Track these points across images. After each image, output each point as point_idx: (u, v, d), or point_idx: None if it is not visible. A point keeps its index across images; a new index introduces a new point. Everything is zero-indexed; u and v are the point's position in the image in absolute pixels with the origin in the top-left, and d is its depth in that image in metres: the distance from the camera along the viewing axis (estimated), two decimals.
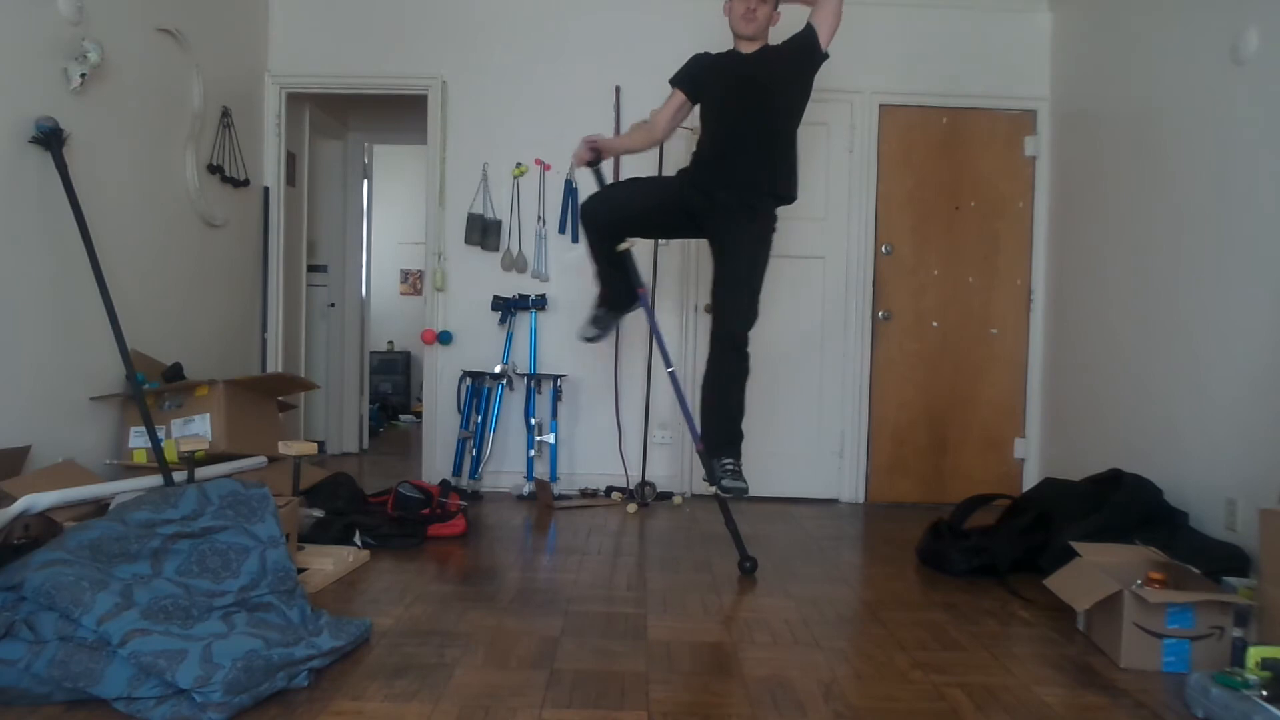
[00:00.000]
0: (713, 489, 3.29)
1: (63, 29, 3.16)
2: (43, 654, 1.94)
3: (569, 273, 4.79)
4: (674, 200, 3.41)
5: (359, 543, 3.37)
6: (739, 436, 3.33)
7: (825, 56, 3.31)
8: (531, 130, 4.76)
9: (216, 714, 1.87)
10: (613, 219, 3.46)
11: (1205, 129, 3.44)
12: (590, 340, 3.79)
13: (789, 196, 3.40)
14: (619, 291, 3.64)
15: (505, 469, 4.77)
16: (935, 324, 4.84)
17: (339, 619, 2.39)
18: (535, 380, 4.68)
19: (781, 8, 3.38)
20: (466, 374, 4.68)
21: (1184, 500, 3.38)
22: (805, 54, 3.29)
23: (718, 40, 4.75)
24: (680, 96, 3.48)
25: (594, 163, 3.61)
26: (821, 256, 4.79)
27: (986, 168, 4.82)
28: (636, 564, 3.35)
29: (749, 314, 3.27)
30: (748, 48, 3.36)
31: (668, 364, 3.77)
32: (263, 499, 2.54)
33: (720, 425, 3.33)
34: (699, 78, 3.44)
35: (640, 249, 4.74)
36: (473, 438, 4.67)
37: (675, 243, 4.75)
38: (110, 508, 2.65)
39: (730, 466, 3.23)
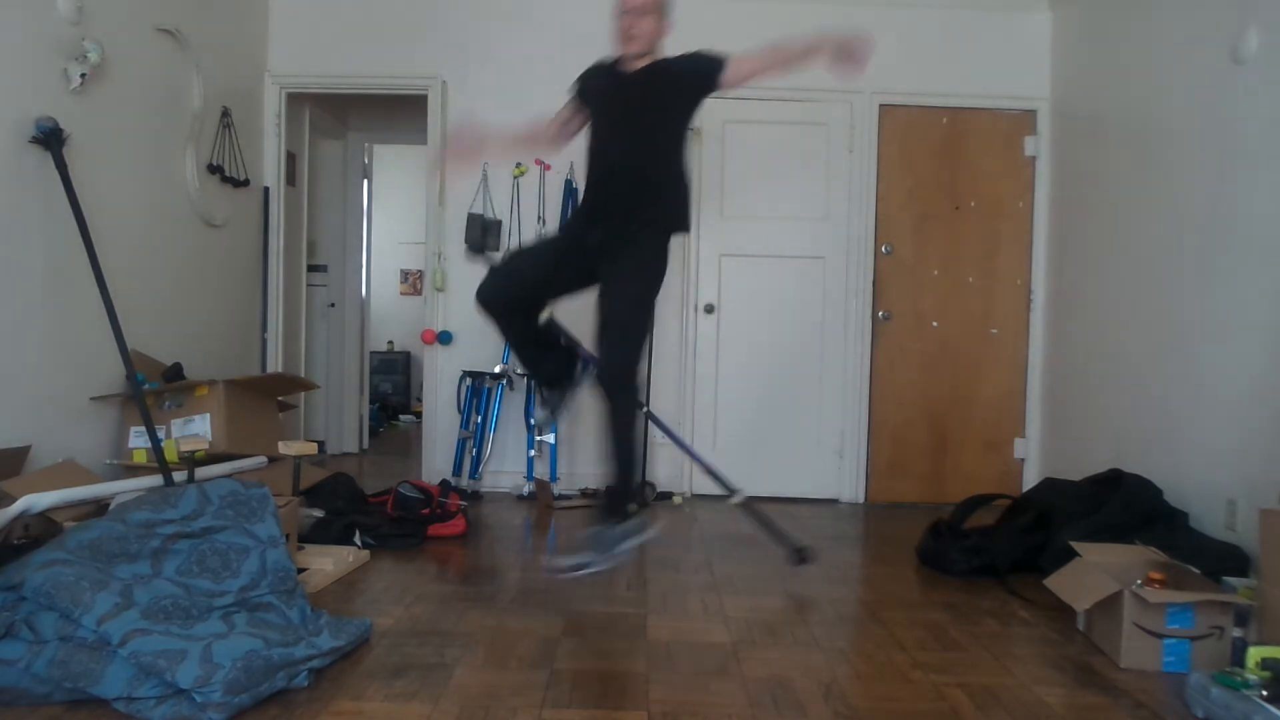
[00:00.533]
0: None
1: (63, 29, 3.16)
2: (43, 654, 1.94)
3: None
4: (572, 250, 3.01)
5: (359, 543, 3.37)
6: (621, 497, 2.80)
7: (715, 90, 2.98)
8: None
9: (216, 714, 1.87)
10: (516, 294, 2.95)
11: (1205, 129, 3.44)
12: (545, 425, 3.36)
13: (671, 225, 3.02)
14: (558, 366, 3.14)
15: (505, 469, 4.77)
16: (935, 324, 4.83)
17: (339, 619, 2.39)
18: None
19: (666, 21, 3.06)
20: (466, 374, 4.68)
21: (1184, 500, 3.38)
22: (699, 82, 2.95)
23: (718, 41, 4.75)
24: (570, 110, 3.13)
25: (479, 249, 3.29)
26: (821, 256, 4.79)
27: (986, 168, 4.82)
28: (636, 564, 3.35)
29: (617, 356, 2.81)
30: (632, 64, 2.98)
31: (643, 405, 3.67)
32: (263, 499, 2.54)
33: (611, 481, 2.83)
34: (584, 81, 3.12)
35: None
36: (473, 438, 4.66)
37: (674, 242, 4.74)
38: (110, 508, 2.65)
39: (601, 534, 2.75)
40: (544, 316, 3.08)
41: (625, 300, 2.87)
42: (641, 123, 2.97)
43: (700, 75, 2.95)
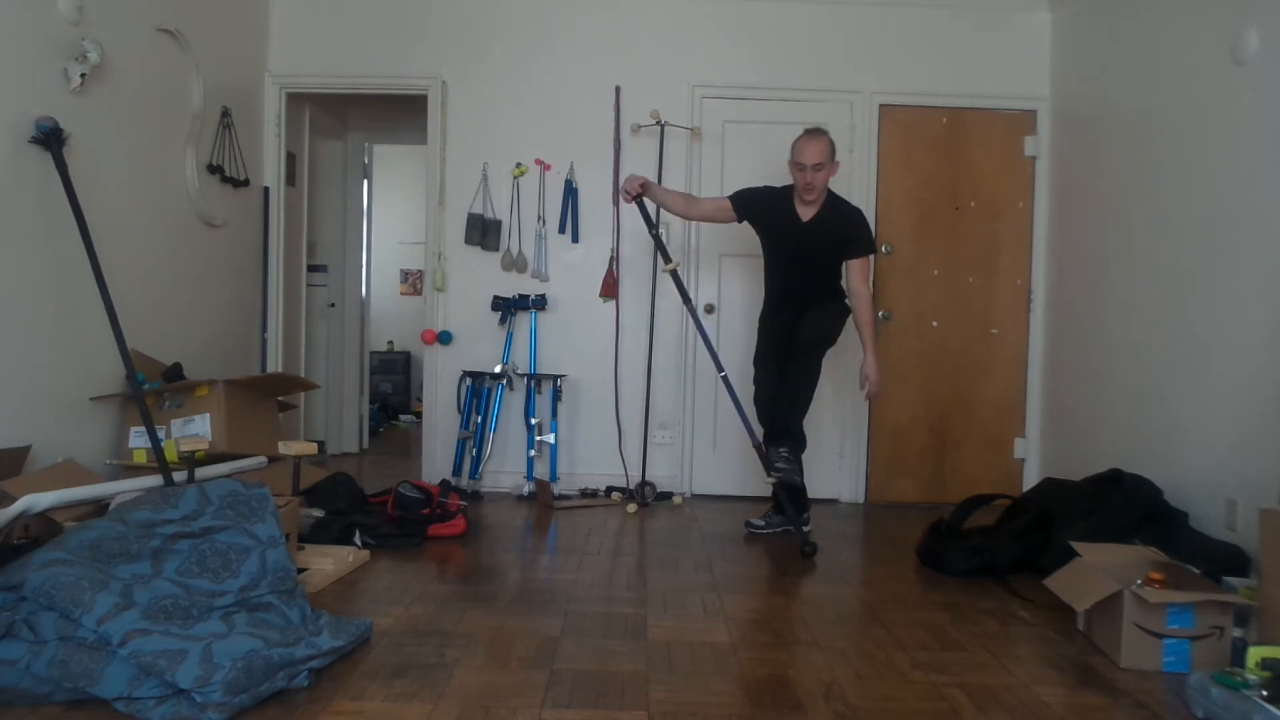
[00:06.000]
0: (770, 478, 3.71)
1: (63, 29, 3.16)
2: (43, 654, 1.94)
3: (569, 273, 4.80)
4: (778, 339, 3.87)
5: (359, 543, 3.37)
6: (796, 434, 3.80)
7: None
8: (531, 130, 4.77)
9: (216, 714, 1.87)
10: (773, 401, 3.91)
11: (1205, 129, 3.44)
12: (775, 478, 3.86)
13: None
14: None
15: (505, 469, 4.77)
16: (935, 324, 4.83)
17: (339, 619, 2.39)
18: (535, 380, 4.68)
19: (838, 157, 3.81)
20: (466, 374, 4.68)
21: (1184, 500, 3.38)
22: (844, 245, 3.74)
23: (718, 41, 4.76)
24: (729, 209, 3.86)
25: (639, 199, 3.84)
26: None
27: (986, 168, 4.82)
28: (636, 564, 3.35)
29: (827, 325, 3.83)
30: (806, 212, 3.74)
31: (720, 369, 3.95)
32: (263, 499, 2.54)
33: (780, 419, 3.83)
34: (757, 213, 3.85)
35: (640, 248, 4.76)
36: (473, 438, 4.66)
37: (675, 244, 4.75)
38: (110, 508, 2.65)
39: (786, 454, 3.65)
40: (668, 267, 3.92)
41: (805, 372, 3.83)
42: (817, 262, 3.78)
43: (850, 248, 3.74)
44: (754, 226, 3.92)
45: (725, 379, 3.90)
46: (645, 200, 3.89)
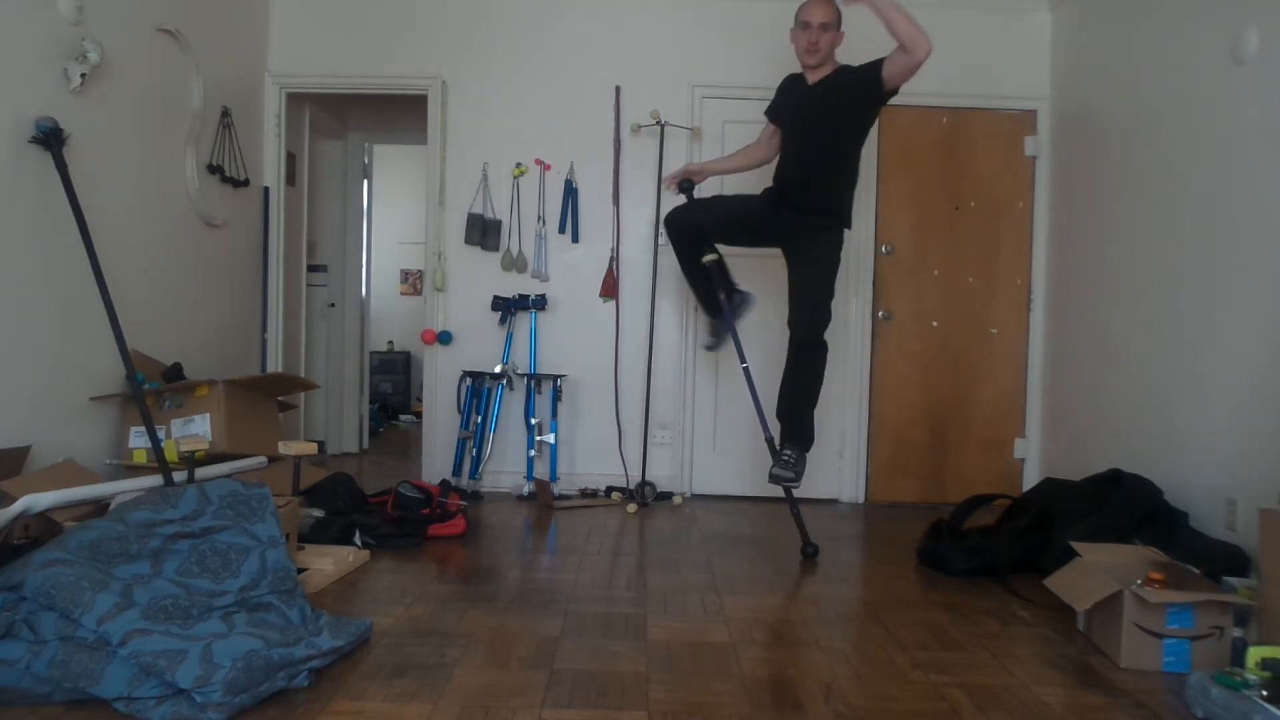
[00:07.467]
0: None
1: (63, 29, 3.16)
2: (43, 654, 1.94)
3: (569, 273, 4.79)
4: (755, 213, 3.64)
5: (359, 543, 3.37)
6: (800, 431, 3.61)
7: (889, 94, 3.41)
8: (531, 130, 4.77)
9: (216, 714, 1.87)
10: (692, 221, 3.71)
11: (1205, 129, 3.44)
12: (709, 349, 4.06)
13: (843, 217, 3.57)
14: (710, 302, 3.87)
15: (505, 469, 4.77)
16: (935, 324, 4.83)
17: (339, 619, 2.39)
18: (535, 380, 4.68)
19: (847, 18, 3.53)
20: (466, 374, 4.69)
21: (1184, 500, 3.38)
22: (865, 91, 3.40)
23: (718, 41, 4.77)
24: (771, 126, 3.77)
25: (687, 189, 3.86)
26: None
27: (986, 168, 4.82)
28: (636, 564, 3.35)
29: (810, 320, 3.49)
30: (813, 76, 3.54)
31: (742, 359, 3.89)
32: (263, 499, 2.54)
33: (784, 416, 3.66)
34: (777, 106, 3.72)
35: (640, 248, 4.76)
36: (473, 438, 4.67)
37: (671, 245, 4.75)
38: (110, 508, 2.65)
39: (786, 457, 3.53)
40: (710, 258, 3.73)
41: (814, 277, 3.50)
42: (825, 129, 3.47)
43: (867, 83, 3.37)
44: (778, 118, 3.73)
45: (746, 370, 3.85)
46: (693, 189, 3.88)
